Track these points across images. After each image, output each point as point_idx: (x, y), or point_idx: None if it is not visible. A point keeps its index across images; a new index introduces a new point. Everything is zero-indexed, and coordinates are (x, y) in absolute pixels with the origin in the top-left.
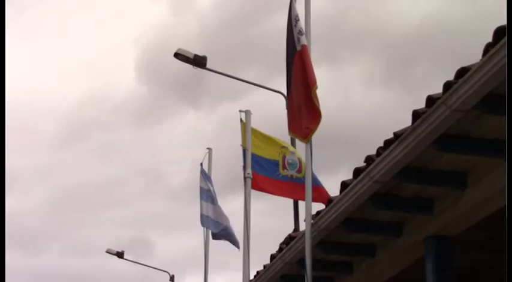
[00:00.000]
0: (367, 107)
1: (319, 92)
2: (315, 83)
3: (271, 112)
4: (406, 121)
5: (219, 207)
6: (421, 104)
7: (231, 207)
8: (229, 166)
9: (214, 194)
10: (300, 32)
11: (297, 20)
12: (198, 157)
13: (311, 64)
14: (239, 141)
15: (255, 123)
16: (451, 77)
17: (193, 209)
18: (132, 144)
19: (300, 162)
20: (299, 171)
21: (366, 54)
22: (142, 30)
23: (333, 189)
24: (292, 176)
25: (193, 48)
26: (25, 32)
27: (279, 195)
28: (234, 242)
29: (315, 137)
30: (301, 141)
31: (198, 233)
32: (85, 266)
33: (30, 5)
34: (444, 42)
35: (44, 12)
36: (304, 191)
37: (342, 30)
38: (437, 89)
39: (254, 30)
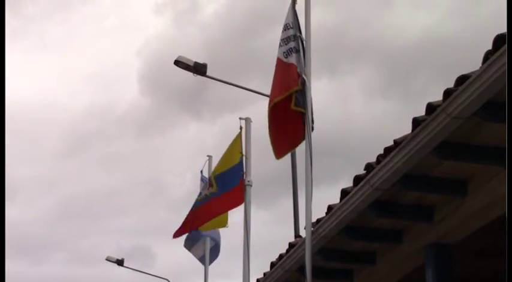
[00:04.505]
0: (367, 118)
1: (320, 102)
2: (272, 100)
3: None
4: (406, 132)
5: None
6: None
7: (231, 214)
8: None
9: None
10: (284, 41)
11: (288, 28)
12: (199, 168)
13: (277, 79)
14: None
15: (255, 133)
16: None
17: None
18: (135, 154)
19: (209, 178)
20: (210, 186)
21: (366, 65)
22: (146, 42)
23: (333, 197)
24: (206, 195)
25: (196, 60)
26: (31, 44)
27: (201, 223)
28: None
29: (316, 146)
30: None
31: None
32: (87, 274)
33: (37, 19)
34: (444, 54)
35: (49, 26)
36: (217, 205)
37: (343, 42)
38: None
39: (257, 42)
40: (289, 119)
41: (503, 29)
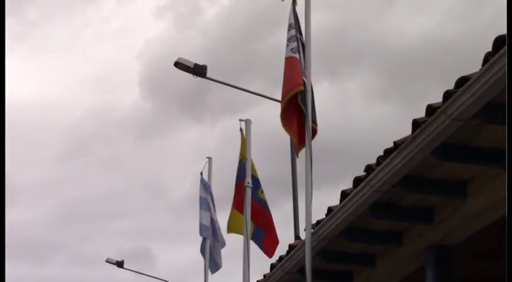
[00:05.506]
0: (367, 120)
1: (320, 104)
2: (285, 95)
3: (273, 125)
4: (406, 134)
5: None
6: None
7: None
8: (230, 177)
9: (213, 203)
10: (290, 40)
11: (291, 28)
12: (200, 170)
13: (287, 76)
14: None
15: (256, 135)
16: None
17: (195, 221)
18: (135, 157)
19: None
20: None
21: (366, 68)
22: (147, 45)
23: (334, 200)
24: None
25: (197, 62)
26: (33, 47)
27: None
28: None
29: (316, 150)
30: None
31: (199, 244)
32: (88, 276)
33: (38, 23)
34: (443, 56)
35: (51, 30)
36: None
37: (343, 46)
38: None
39: (257, 44)
40: (299, 114)
41: (503, 30)
